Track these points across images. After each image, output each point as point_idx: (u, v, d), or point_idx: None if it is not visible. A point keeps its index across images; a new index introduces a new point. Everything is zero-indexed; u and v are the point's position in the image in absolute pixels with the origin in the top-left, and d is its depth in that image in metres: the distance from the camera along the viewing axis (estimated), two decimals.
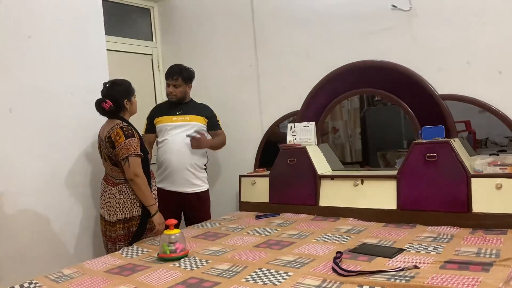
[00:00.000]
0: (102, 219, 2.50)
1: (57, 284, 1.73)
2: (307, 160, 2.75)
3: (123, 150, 2.33)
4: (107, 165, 2.48)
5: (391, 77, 2.63)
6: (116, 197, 2.41)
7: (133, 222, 2.42)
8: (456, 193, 2.18)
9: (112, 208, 2.41)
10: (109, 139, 2.36)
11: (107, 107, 2.37)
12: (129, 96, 2.49)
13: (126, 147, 2.33)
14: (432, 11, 2.49)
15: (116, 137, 2.34)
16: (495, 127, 2.38)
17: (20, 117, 2.59)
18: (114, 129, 2.37)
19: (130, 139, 2.35)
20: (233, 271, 1.71)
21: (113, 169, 2.44)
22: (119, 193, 2.41)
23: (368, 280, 1.47)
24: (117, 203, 2.40)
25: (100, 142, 2.48)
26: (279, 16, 3.15)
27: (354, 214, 2.48)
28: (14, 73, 2.58)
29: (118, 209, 2.39)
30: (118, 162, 2.39)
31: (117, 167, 2.42)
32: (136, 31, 3.86)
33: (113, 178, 2.46)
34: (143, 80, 3.83)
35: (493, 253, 1.66)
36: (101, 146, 2.48)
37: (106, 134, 2.39)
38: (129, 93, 2.49)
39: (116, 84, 2.48)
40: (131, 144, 2.34)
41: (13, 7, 2.59)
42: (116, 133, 2.35)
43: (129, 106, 2.49)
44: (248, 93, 3.37)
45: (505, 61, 2.30)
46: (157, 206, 2.45)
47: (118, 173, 2.43)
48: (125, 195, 2.41)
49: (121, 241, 2.41)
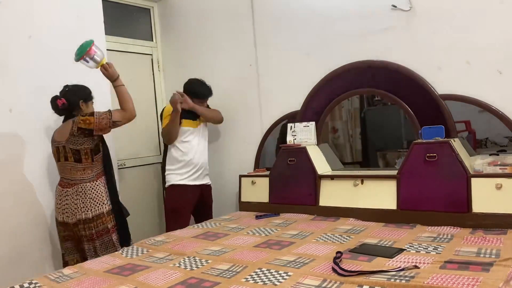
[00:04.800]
0: (59, 224, 2.50)
1: (57, 284, 1.73)
2: (307, 160, 2.75)
3: (103, 121, 2.42)
4: (66, 165, 2.47)
5: (391, 77, 2.63)
6: (73, 198, 2.44)
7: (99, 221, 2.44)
8: (456, 193, 2.18)
9: (69, 209, 2.44)
10: (80, 130, 2.40)
11: (60, 104, 2.44)
12: (86, 99, 2.55)
13: (101, 117, 2.42)
14: (432, 11, 2.48)
15: (86, 121, 2.40)
16: (495, 127, 2.38)
17: (20, 117, 2.59)
18: (76, 122, 2.42)
19: (95, 114, 2.43)
20: (233, 271, 1.71)
21: (74, 167, 2.45)
22: (75, 194, 2.44)
23: (368, 280, 1.47)
24: (75, 204, 2.43)
25: (58, 146, 2.48)
26: (279, 16, 3.15)
27: (354, 214, 2.48)
28: (14, 73, 2.58)
29: (77, 210, 2.42)
30: (97, 145, 2.48)
31: (80, 163, 2.44)
32: (136, 31, 3.86)
33: (69, 179, 2.47)
34: (143, 80, 3.84)
35: (493, 253, 1.66)
36: (59, 149, 2.48)
37: (71, 131, 2.41)
38: (85, 95, 2.55)
39: (75, 85, 2.55)
40: (101, 115, 2.43)
41: (13, 7, 2.60)
42: (82, 121, 2.41)
43: (84, 108, 2.52)
44: (248, 93, 3.37)
45: (505, 61, 2.29)
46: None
47: (77, 172, 2.45)
48: (82, 195, 2.43)
49: (85, 241, 2.45)
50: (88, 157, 2.45)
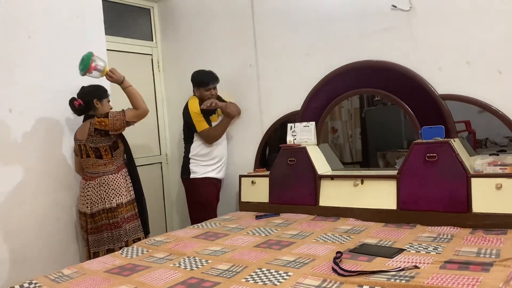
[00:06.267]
0: (82, 215, 2.65)
1: (57, 284, 1.73)
2: (307, 160, 2.75)
3: (117, 122, 2.57)
4: (89, 161, 2.62)
5: (391, 77, 2.63)
6: (94, 189, 2.60)
7: (119, 210, 2.60)
8: (456, 193, 2.18)
9: (91, 200, 2.60)
10: (96, 131, 2.57)
11: (77, 105, 2.61)
12: (100, 98, 2.67)
13: (115, 118, 2.57)
14: (432, 11, 2.48)
15: (102, 123, 2.56)
16: (495, 127, 2.38)
17: (20, 117, 2.59)
18: (92, 123, 2.57)
19: (110, 115, 2.58)
20: (233, 271, 1.71)
21: (96, 163, 2.61)
22: (98, 185, 2.60)
23: (368, 280, 1.47)
24: (96, 195, 2.60)
25: (79, 144, 2.64)
26: (279, 16, 3.15)
27: (354, 214, 2.48)
28: (14, 73, 2.58)
29: (100, 200, 2.59)
30: (110, 148, 2.63)
31: (101, 159, 2.61)
32: (136, 31, 3.86)
33: (92, 173, 2.64)
34: (143, 80, 3.83)
35: (493, 253, 1.66)
36: (80, 147, 2.63)
37: (89, 132, 2.57)
38: (100, 94, 2.68)
39: (90, 86, 2.69)
40: (115, 116, 2.58)
41: (13, 7, 2.59)
42: (98, 123, 2.57)
43: (99, 107, 2.66)
44: (248, 93, 3.37)
45: (505, 61, 2.29)
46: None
47: (99, 167, 2.62)
48: (105, 187, 2.60)
49: (107, 230, 2.61)
50: (108, 153, 2.62)
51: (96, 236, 2.63)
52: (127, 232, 2.65)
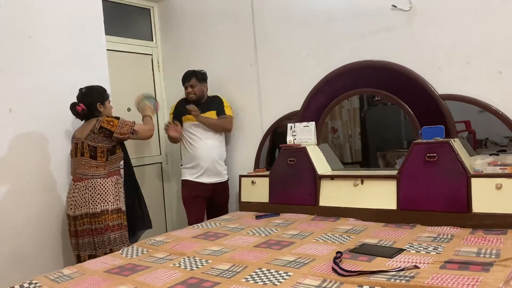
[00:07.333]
0: (67, 216, 2.61)
1: (57, 284, 1.73)
2: (307, 160, 2.75)
3: (125, 126, 2.60)
4: (81, 160, 2.58)
5: (391, 77, 2.63)
6: (80, 191, 2.54)
7: (103, 217, 2.52)
8: (456, 193, 2.18)
9: (75, 202, 2.53)
10: (101, 129, 2.55)
11: (80, 110, 2.60)
12: (103, 101, 2.67)
13: (125, 123, 2.60)
14: (432, 11, 2.48)
15: (110, 123, 2.57)
16: (495, 127, 2.38)
17: (20, 117, 2.59)
18: (100, 121, 2.56)
19: (120, 119, 2.61)
20: (233, 271, 1.71)
21: (88, 163, 2.56)
22: (85, 188, 2.54)
23: (368, 280, 1.47)
24: (81, 198, 2.53)
25: (76, 142, 2.62)
26: (279, 16, 3.15)
27: (354, 214, 2.48)
28: (14, 73, 2.58)
29: (84, 204, 2.52)
30: (107, 150, 2.60)
31: (95, 160, 2.56)
32: (136, 31, 3.86)
33: (81, 175, 2.57)
34: (143, 80, 3.84)
35: (493, 253, 1.66)
36: (77, 145, 2.60)
37: (93, 129, 2.56)
38: (102, 98, 2.68)
39: (90, 89, 2.66)
40: (125, 121, 2.61)
41: (13, 7, 2.60)
42: (106, 121, 2.55)
43: (102, 110, 2.68)
44: (248, 93, 3.37)
45: (505, 61, 2.29)
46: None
47: (90, 168, 2.56)
48: (91, 190, 2.53)
49: (89, 235, 2.53)
50: (104, 155, 2.58)
51: (78, 240, 2.56)
52: (111, 241, 2.54)
